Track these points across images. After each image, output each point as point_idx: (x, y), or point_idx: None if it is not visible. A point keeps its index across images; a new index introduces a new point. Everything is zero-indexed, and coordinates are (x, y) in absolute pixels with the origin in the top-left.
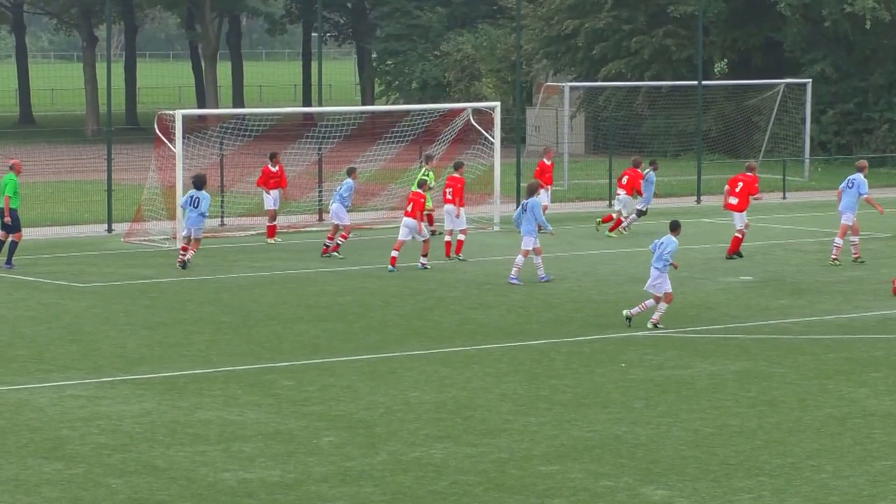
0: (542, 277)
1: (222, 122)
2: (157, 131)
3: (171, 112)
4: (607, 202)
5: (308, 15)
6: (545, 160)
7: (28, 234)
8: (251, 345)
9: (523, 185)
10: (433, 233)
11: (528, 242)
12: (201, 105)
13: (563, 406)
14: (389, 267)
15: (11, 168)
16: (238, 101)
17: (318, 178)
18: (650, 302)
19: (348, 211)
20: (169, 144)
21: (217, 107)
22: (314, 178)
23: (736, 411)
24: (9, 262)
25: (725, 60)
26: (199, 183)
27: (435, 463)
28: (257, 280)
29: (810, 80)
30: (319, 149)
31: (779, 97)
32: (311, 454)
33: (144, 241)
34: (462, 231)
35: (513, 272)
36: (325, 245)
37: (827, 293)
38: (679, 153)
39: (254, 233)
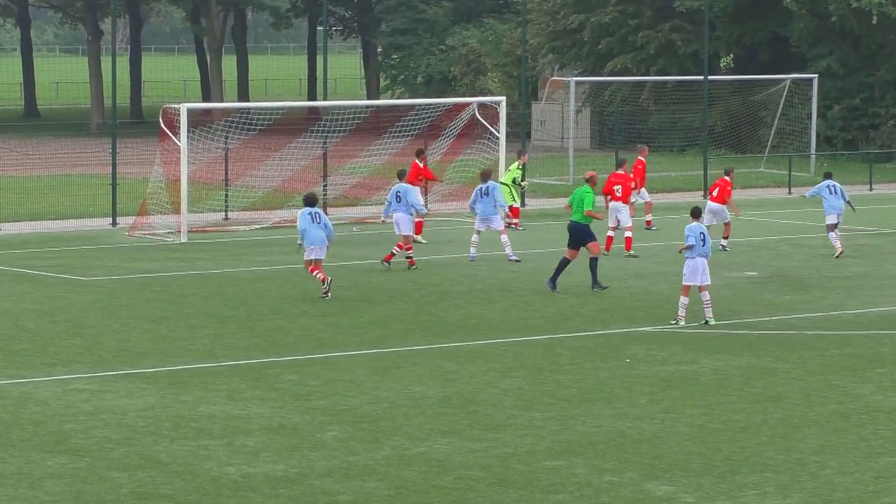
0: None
1: (227, 116)
2: (162, 125)
3: (175, 106)
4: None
5: (313, 9)
6: (641, 157)
7: (32, 227)
8: (255, 339)
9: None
10: (511, 225)
11: (500, 223)
12: (206, 99)
13: (568, 401)
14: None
15: (588, 181)
16: (243, 94)
17: (323, 172)
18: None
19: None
20: (174, 138)
21: (222, 101)
22: (319, 173)
23: (740, 407)
24: (595, 283)
25: (731, 55)
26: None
27: (439, 458)
28: (261, 274)
29: (816, 75)
30: (324, 143)
31: (785, 92)
32: (315, 449)
33: (149, 234)
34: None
35: (508, 251)
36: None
37: (832, 289)
38: (685, 148)
39: (258, 227)
